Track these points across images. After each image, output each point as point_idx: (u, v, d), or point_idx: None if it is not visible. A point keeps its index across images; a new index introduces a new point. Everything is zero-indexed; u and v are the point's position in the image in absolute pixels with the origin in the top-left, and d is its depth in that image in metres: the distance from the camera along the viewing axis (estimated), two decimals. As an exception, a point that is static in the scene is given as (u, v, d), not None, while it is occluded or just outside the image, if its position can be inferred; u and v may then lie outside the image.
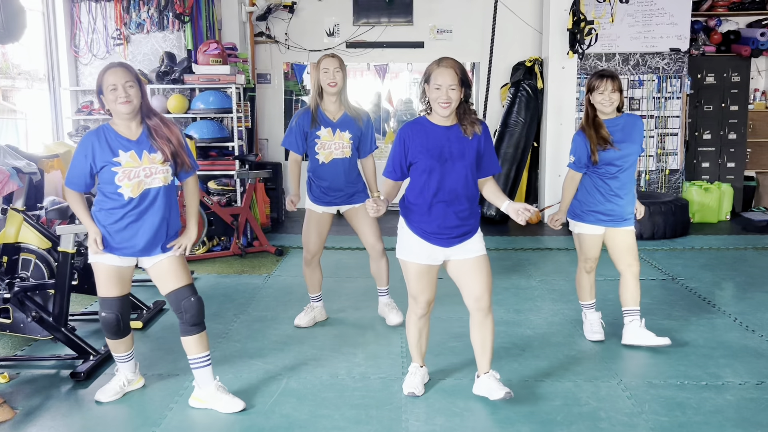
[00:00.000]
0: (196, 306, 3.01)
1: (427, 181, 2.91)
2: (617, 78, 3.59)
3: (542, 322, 4.22)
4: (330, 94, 3.85)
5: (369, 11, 8.29)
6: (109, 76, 2.83)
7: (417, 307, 3.09)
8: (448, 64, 2.86)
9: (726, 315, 4.34)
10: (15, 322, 3.73)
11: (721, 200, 7.62)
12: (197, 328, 3.03)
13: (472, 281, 2.99)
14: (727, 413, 2.98)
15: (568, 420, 2.93)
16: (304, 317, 4.19)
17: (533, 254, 6.13)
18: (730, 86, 7.97)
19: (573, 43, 7.19)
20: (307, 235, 4.04)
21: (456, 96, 2.84)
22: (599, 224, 3.69)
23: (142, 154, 2.90)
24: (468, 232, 2.98)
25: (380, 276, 4.19)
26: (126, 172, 2.87)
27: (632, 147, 3.61)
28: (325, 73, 3.80)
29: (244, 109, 7.03)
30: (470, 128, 2.91)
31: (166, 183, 2.95)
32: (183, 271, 3.04)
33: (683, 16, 7.43)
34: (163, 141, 2.92)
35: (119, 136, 2.91)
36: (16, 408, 3.07)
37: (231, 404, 3.03)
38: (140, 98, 2.88)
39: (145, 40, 7.10)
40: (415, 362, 3.27)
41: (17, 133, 6.20)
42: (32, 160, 4.34)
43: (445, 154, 2.89)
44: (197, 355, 3.05)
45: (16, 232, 3.96)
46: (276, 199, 7.49)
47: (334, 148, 3.87)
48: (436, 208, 2.92)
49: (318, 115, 3.87)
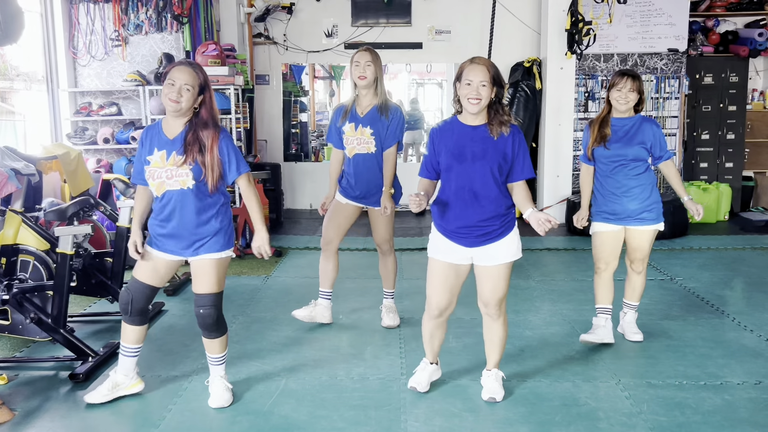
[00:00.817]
0: (201, 318, 3.05)
1: (447, 180, 2.93)
2: (638, 78, 3.62)
3: (541, 323, 4.23)
4: (361, 88, 3.86)
5: (367, 12, 8.29)
6: (175, 71, 2.89)
7: (429, 308, 3.09)
8: (481, 62, 2.85)
9: (724, 315, 4.35)
10: (14, 323, 3.73)
11: (719, 200, 7.63)
12: (207, 333, 3.09)
13: (484, 287, 3.02)
14: (726, 413, 2.98)
15: (566, 420, 2.93)
16: (302, 311, 4.15)
17: (532, 255, 6.13)
18: (728, 86, 7.99)
19: (571, 43, 7.20)
20: (326, 220, 4.04)
21: (486, 93, 2.81)
22: (607, 222, 3.72)
23: (171, 155, 2.92)
24: (490, 234, 2.92)
25: (386, 276, 4.16)
26: (151, 172, 2.94)
27: (625, 149, 3.63)
28: (356, 66, 3.83)
29: (242, 110, 7.03)
30: (497, 128, 2.86)
31: (183, 187, 2.92)
32: (207, 277, 3.02)
33: (681, 16, 7.44)
34: (195, 148, 2.89)
35: (161, 132, 2.97)
36: (15, 409, 3.06)
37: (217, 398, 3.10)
38: (191, 103, 2.90)
39: (143, 41, 7.10)
40: (426, 358, 3.27)
41: (15, 134, 6.20)
42: (30, 161, 4.34)
43: (465, 154, 2.87)
44: (209, 355, 3.15)
45: (14, 234, 3.95)
46: (275, 200, 7.48)
47: (356, 144, 3.86)
48: (456, 207, 2.92)
49: (351, 110, 3.89)
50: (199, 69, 2.94)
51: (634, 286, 3.85)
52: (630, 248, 3.78)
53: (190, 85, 2.87)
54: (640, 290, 3.86)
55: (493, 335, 3.11)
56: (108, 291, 4.28)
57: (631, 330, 3.88)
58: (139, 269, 3.06)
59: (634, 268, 3.81)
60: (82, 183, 4.95)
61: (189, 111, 2.92)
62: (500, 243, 2.94)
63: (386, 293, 4.22)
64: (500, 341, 3.12)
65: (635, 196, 3.66)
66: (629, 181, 3.66)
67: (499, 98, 2.86)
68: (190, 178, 2.91)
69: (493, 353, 3.15)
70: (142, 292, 3.05)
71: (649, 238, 3.74)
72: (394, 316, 4.16)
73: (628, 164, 3.65)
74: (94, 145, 6.76)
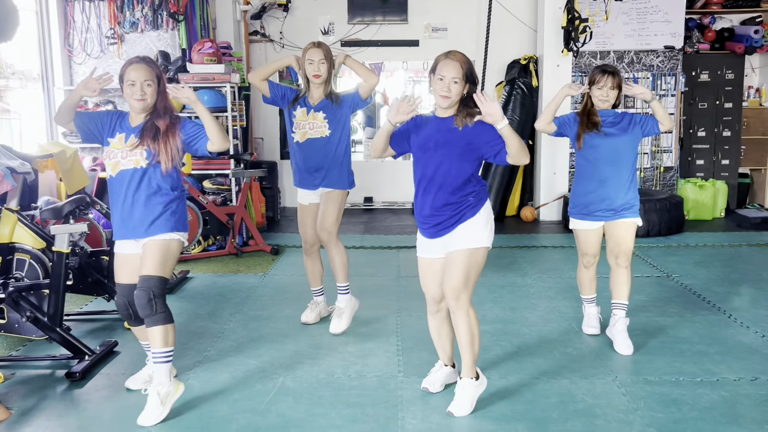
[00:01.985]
0: (137, 299, 2.93)
1: (415, 170, 2.99)
2: (618, 75, 3.62)
3: (538, 320, 4.23)
4: (315, 84, 3.89)
5: (364, 10, 8.28)
6: (131, 71, 2.96)
7: (427, 303, 3.13)
8: (455, 57, 2.86)
9: (721, 312, 4.36)
10: (10, 322, 3.72)
11: (715, 197, 7.65)
12: (144, 316, 2.94)
13: (445, 277, 2.93)
14: (722, 409, 2.99)
15: (563, 417, 2.94)
16: (310, 314, 4.21)
17: (529, 252, 6.14)
18: (725, 83, 8.00)
19: (567, 41, 7.20)
20: (301, 225, 4.12)
21: (457, 90, 2.83)
22: (585, 220, 3.75)
23: (129, 138, 3.03)
24: (443, 223, 2.90)
25: (334, 270, 4.08)
26: (108, 152, 3.04)
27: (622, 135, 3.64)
28: (310, 64, 3.84)
29: (239, 108, 7.01)
30: (462, 119, 2.87)
31: (137, 166, 2.99)
32: (150, 258, 2.95)
33: (677, 13, 7.44)
34: (149, 134, 3.00)
35: (127, 120, 3.09)
36: (12, 408, 3.06)
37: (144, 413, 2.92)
38: (155, 96, 3.02)
39: (139, 39, 7.07)
40: (440, 360, 3.25)
41: (11, 132, 6.18)
42: (26, 159, 4.31)
43: (429, 144, 2.91)
44: (151, 348, 3.01)
45: (10, 232, 3.94)
46: (271, 198, 7.48)
47: (308, 128, 3.91)
48: (422, 199, 2.96)
49: (302, 97, 3.94)
50: (152, 62, 3.04)
51: (622, 282, 3.75)
52: (613, 242, 3.74)
53: (149, 80, 2.98)
54: (628, 286, 3.75)
55: (457, 331, 2.95)
56: (104, 289, 4.27)
57: (622, 341, 3.69)
58: (119, 275, 3.10)
59: (620, 262, 3.75)
60: (78, 181, 4.92)
61: (152, 105, 3.03)
62: (457, 231, 2.89)
63: (339, 288, 4.11)
64: (465, 340, 2.93)
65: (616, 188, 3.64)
66: (613, 171, 3.65)
67: (470, 94, 2.86)
68: (143, 158, 3.00)
69: (462, 355, 2.97)
70: (130, 293, 3.04)
71: (632, 230, 3.73)
72: (339, 321, 4.02)
73: (618, 155, 3.64)
74: (89, 144, 6.74)
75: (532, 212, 7.74)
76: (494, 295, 4.73)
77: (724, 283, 5.04)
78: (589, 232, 3.76)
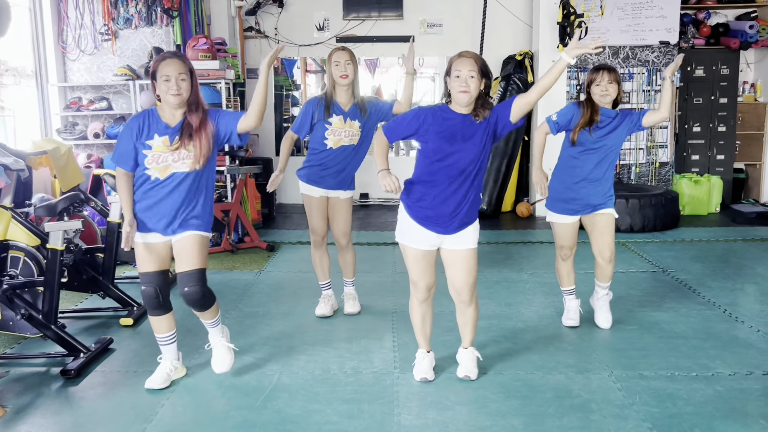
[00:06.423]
0: (187, 297, 3.13)
1: (436, 164, 2.98)
2: (614, 71, 3.68)
3: (533, 315, 4.24)
4: (342, 86, 3.93)
5: (359, 5, 8.27)
6: (164, 66, 2.97)
7: (417, 292, 3.18)
8: (468, 55, 2.95)
9: (716, 306, 4.37)
10: (4, 319, 3.70)
11: (710, 192, 7.66)
12: (196, 309, 3.20)
13: (455, 275, 3.13)
14: (718, 404, 3.00)
15: (559, 412, 2.94)
16: (325, 307, 4.26)
17: (524, 248, 6.15)
18: (720, 79, 8.01)
19: (563, 36, 7.20)
20: (314, 218, 4.12)
21: (475, 85, 2.90)
22: (563, 213, 3.81)
23: (173, 139, 3.02)
24: (464, 219, 3.05)
25: (346, 268, 4.30)
26: (155, 156, 3.01)
27: (611, 136, 3.67)
28: (337, 65, 3.89)
29: (233, 104, 6.99)
30: (481, 114, 2.96)
31: (190, 169, 3.04)
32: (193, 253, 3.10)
33: (672, 9, 7.44)
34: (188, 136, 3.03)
35: (159, 120, 3.06)
36: (6, 406, 3.05)
37: (218, 363, 3.29)
38: (190, 90, 3.02)
39: (133, 35, 7.04)
40: (422, 348, 3.33)
41: (5, 129, 6.15)
42: (20, 156, 4.30)
43: (456, 136, 2.96)
44: (204, 321, 3.30)
45: (4, 230, 3.92)
46: (267, 194, 7.46)
47: (344, 135, 3.96)
48: (447, 191, 2.99)
49: (332, 106, 3.97)
50: (184, 56, 3.08)
51: (606, 273, 3.90)
52: (596, 235, 3.81)
53: (183, 74, 2.99)
54: (610, 274, 3.92)
55: (468, 318, 3.24)
56: (99, 287, 4.26)
57: (602, 314, 3.94)
58: (146, 264, 3.12)
59: (605, 257, 3.84)
60: (73, 178, 4.91)
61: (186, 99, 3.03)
62: (470, 228, 3.09)
63: (346, 282, 4.36)
64: (474, 322, 3.26)
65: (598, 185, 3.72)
66: (599, 169, 3.70)
67: (486, 91, 2.96)
68: (195, 160, 3.04)
69: (468, 333, 3.28)
70: (162, 281, 3.13)
71: (612, 221, 3.80)
72: (356, 302, 4.33)
73: (606, 153, 3.69)
74: (84, 140, 6.71)
75: (527, 208, 7.75)
76: (489, 291, 4.73)
77: (719, 278, 5.05)
78: (566, 226, 3.84)
